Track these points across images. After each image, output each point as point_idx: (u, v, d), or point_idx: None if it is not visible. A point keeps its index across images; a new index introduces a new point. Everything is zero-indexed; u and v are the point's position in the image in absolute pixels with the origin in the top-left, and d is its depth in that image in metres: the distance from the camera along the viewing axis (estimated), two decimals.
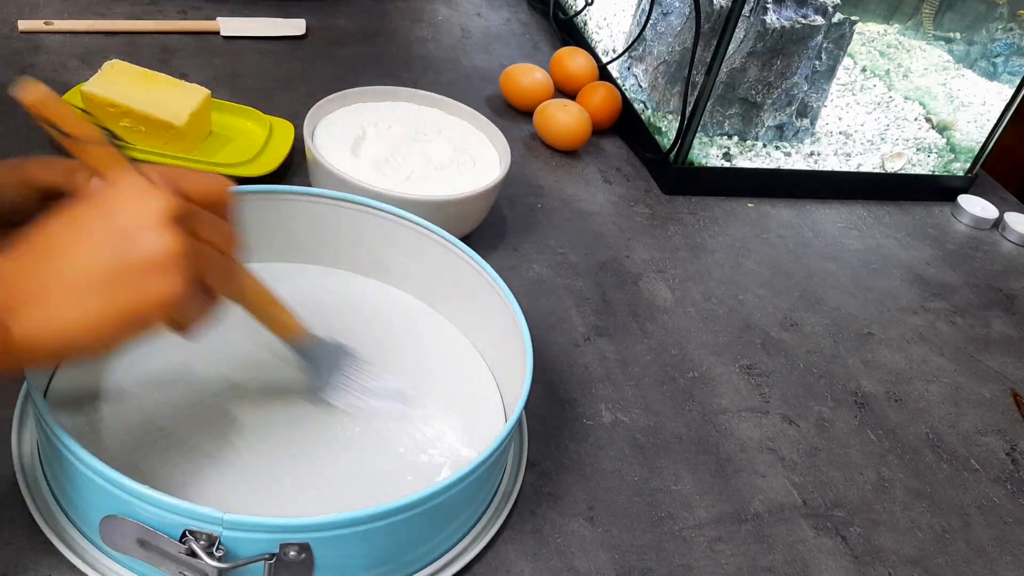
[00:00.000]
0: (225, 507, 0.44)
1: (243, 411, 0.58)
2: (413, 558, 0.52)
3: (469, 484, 0.51)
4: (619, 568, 0.57)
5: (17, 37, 0.94)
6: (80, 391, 0.56)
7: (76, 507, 0.49)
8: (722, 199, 0.99)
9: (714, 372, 0.75)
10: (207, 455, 0.54)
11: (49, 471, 0.51)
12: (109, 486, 0.45)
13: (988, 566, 0.64)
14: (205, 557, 0.44)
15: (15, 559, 0.49)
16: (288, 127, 0.87)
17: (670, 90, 1.03)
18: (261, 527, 0.44)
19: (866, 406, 0.76)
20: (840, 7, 0.98)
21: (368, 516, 0.46)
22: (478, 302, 0.65)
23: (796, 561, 0.61)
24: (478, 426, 0.61)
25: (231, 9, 1.08)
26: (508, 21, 1.25)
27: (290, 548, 0.45)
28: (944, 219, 1.07)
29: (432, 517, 0.50)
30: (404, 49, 1.11)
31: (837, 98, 1.16)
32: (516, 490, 0.59)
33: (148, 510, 0.44)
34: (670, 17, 1.03)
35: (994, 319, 0.92)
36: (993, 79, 1.22)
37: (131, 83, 0.79)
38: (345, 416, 0.59)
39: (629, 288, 0.82)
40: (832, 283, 0.90)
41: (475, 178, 0.79)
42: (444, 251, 0.66)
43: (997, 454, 0.75)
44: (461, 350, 0.68)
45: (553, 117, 0.97)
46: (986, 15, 1.23)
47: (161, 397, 0.57)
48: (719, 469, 0.66)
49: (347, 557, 0.48)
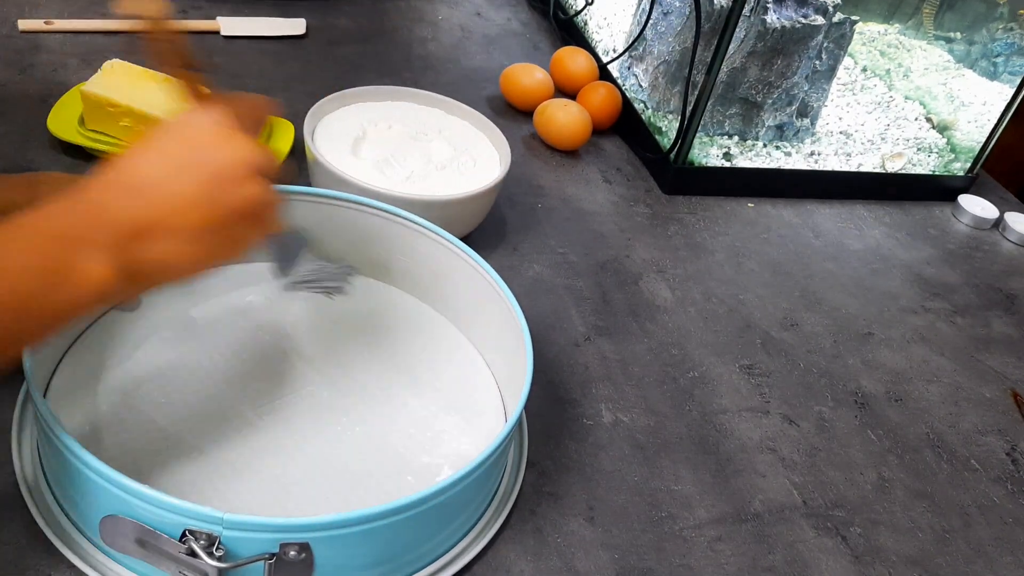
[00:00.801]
0: (225, 507, 0.44)
1: (243, 411, 0.58)
2: (413, 558, 0.52)
3: (469, 484, 0.51)
4: (619, 568, 0.57)
5: (17, 36, 0.94)
6: (80, 391, 0.56)
7: (76, 507, 0.49)
8: (722, 199, 0.99)
9: (714, 372, 0.75)
10: (207, 455, 0.54)
11: (49, 471, 0.51)
12: (109, 486, 0.45)
13: (988, 566, 0.64)
14: (205, 557, 0.44)
15: (15, 559, 0.49)
16: (288, 127, 0.86)
17: (670, 90, 1.03)
18: (261, 527, 0.44)
19: (866, 406, 0.76)
20: (840, 7, 0.98)
21: (368, 516, 0.46)
22: (478, 302, 0.65)
23: (796, 561, 0.61)
24: (478, 426, 0.61)
25: (231, 9, 1.08)
26: (508, 21, 1.25)
27: (290, 548, 0.45)
28: (944, 219, 1.07)
29: (432, 517, 0.50)
30: (404, 49, 1.11)
31: (837, 98, 1.16)
32: (516, 490, 0.59)
33: (148, 510, 0.45)
34: (670, 17, 1.03)
35: (994, 319, 0.92)
36: (993, 79, 1.22)
37: (131, 83, 0.79)
38: (345, 416, 0.59)
39: (629, 288, 0.82)
40: (832, 283, 0.90)
41: (475, 178, 0.79)
42: (444, 251, 0.66)
43: (997, 454, 0.75)
44: (461, 350, 0.68)
45: (553, 117, 0.97)
46: (986, 15, 1.23)
47: (161, 397, 0.57)
48: (719, 469, 0.66)
49: (347, 557, 0.48)
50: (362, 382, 0.62)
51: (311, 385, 0.61)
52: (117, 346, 0.60)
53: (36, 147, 0.80)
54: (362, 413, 0.60)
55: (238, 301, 0.66)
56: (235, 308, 0.66)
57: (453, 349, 0.68)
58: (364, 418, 0.60)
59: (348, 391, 0.61)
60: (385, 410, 0.61)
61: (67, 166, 0.78)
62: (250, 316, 0.65)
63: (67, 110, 0.80)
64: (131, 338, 0.61)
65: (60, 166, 0.78)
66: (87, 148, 0.79)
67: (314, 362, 0.63)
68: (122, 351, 0.60)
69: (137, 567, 0.48)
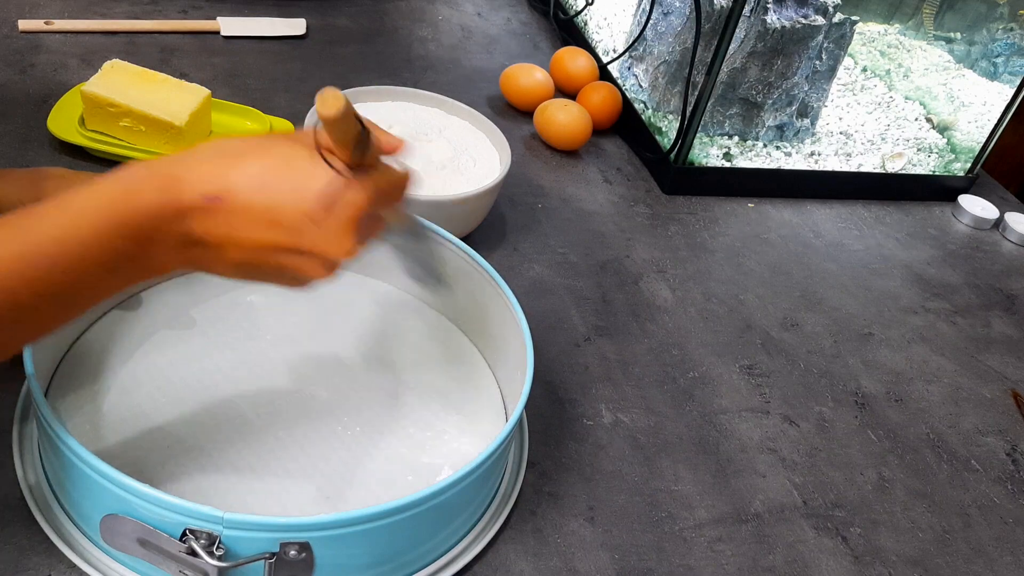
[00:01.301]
0: (226, 506, 0.44)
1: (243, 410, 0.58)
2: (413, 558, 0.52)
3: (469, 484, 0.51)
4: (619, 568, 0.57)
5: (17, 37, 0.94)
6: (81, 390, 0.56)
7: (77, 506, 0.49)
8: (722, 199, 0.99)
9: (714, 372, 0.75)
10: (207, 454, 0.54)
11: (50, 470, 0.51)
12: (109, 485, 0.45)
13: (988, 566, 0.64)
14: (205, 556, 0.44)
15: (15, 558, 0.49)
16: (288, 127, 0.87)
17: (670, 90, 1.03)
18: (261, 526, 0.44)
19: (866, 406, 0.76)
20: (841, 7, 0.98)
21: (368, 516, 0.46)
22: (478, 302, 0.65)
23: (796, 561, 0.61)
24: (478, 426, 0.61)
25: (231, 9, 1.08)
26: (508, 21, 1.25)
27: (290, 547, 0.45)
28: (944, 219, 1.07)
29: (432, 517, 0.50)
30: (404, 49, 1.11)
31: (838, 98, 1.16)
32: (516, 490, 0.59)
33: (148, 509, 0.45)
34: (671, 17, 1.03)
35: (994, 319, 0.92)
36: (994, 79, 1.22)
37: (131, 83, 0.79)
38: (345, 416, 0.59)
39: (629, 288, 0.82)
40: (832, 283, 0.90)
41: (475, 178, 0.79)
42: (444, 251, 0.66)
43: (997, 454, 0.75)
44: (462, 350, 0.68)
45: (553, 117, 0.97)
46: (987, 15, 1.23)
47: (161, 397, 0.57)
48: (719, 469, 0.66)
49: (347, 556, 0.48)
50: (362, 382, 0.62)
51: (311, 385, 0.61)
52: (118, 346, 0.60)
53: (36, 147, 0.80)
54: (362, 413, 0.60)
55: (238, 301, 0.66)
56: (235, 308, 0.66)
57: (454, 349, 0.68)
58: (364, 418, 0.60)
59: (348, 391, 0.61)
60: (385, 410, 0.61)
61: (67, 166, 0.78)
62: (250, 316, 0.65)
63: (67, 110, 0.80)
64: (132, 338, 0.61)
65: (60, 166, 0.78)
66: (87, 148, 0.79)
67: (314, 362, 0.63)
68: (123, 351, 0.60)
69: (138, 566, 0.48)
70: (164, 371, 0.59)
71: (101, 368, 0.58)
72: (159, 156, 0.77)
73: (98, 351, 0.59)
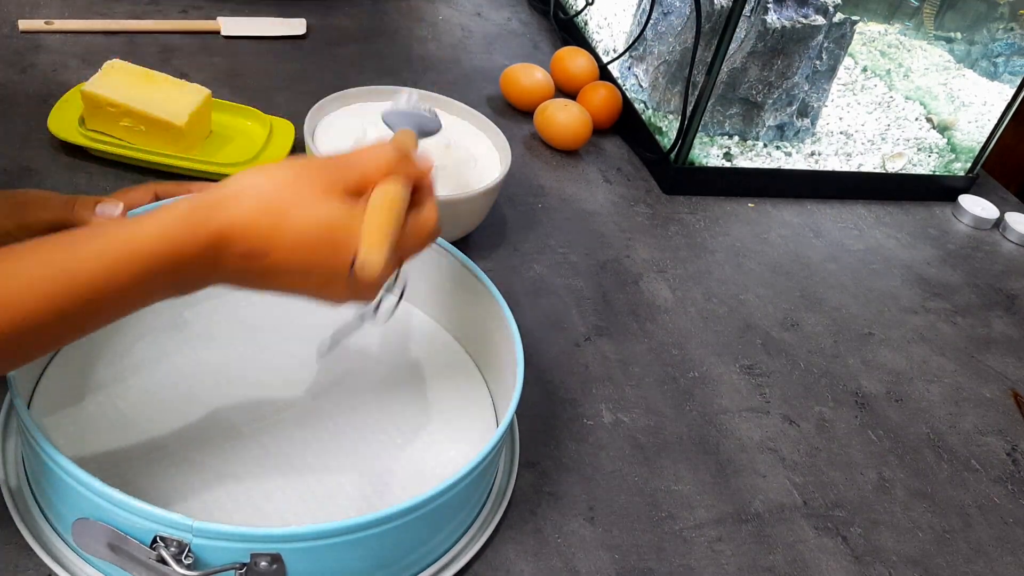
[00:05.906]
0: (205, 514, 0.43)
1: (231, 416, 0.57)
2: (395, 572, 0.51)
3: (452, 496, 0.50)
4: (619, 568, 0.57)
5: (17, 36, 0.94)
6: (68, 392, 0.56)
7: (53, 508, 0.49)
8: (723, 199, 0.99)
9: (714, 372, 0.75)
10: (191, 461, 0.54)
11: (29, 471, 0.51)
12: (80, 488, 0.44)
13: (988, 566, 0.64)
14: (174, 564, 0.43)
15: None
16: (288, 127, 0.87)
17: (671, 90, 1.03)
18: (231, 536, 0.44)
19: (867, 406, 0.76)
20: (841, 7, 0.98)
21: (341, 528, 0.45)
22: (470, 306, 0.65)
23: (796, 561, 0.61)
24: (469, 434, 0.61)
25: (231, 9, 1.08)
26: (508, 21, 1.25)
27: (261, 558, 0.44)
28: (945, 219, 1.07)
29: (412, 529, 0.49)
30: (404, 49, 1.11)
31: (838, 98, 1.16)
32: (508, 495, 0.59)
33: (119, 514, 0.44)
34: (671, 17, 1.03)
35: (995, 319, 0.92)
36: (994, 79, 1.22)
37: (131, 83, 0.79)
38: (332, 423, 0.59)
39: (629, 288, 0.82)
40: (833, 283, 0.90)
41: (475, 178, 0.79)
42: (436, 254, 0.65)
43: (998, 454, 0.75)
44: (453, 356, 0.67)
45: (553, 117, 0.97)
46: (987, 15, 1.23)
47: (148, 400, 0.57)
48: (719, 469, 0.66)
49: (321, 569, 0.47)
50: (351, 388, 0.62)
51: (299, 391, 0.60)
52: (107, 347, 0.59)
53: (36, 147, 0.80)
54: (350, 419, 0.59)
55: (231, 304, 0.65)
56: (228, 311, 0.65)
57: (445, 355, 0.67)
58: (352, 424, 0.59)
59: (337, 397, 0.60)
60: (374, 417, 0.60)
61: (67, 166, 0.78)
62: (242, 319, 0.65)
63: (67, 110, 0.80)
64: (122, 339, 0.60)
65: (60, 166, 0.78)
66: (87, 148, 0.79)
67: (303, 368, 0.62)
68: (112, 352, 0.59)
69: (109, 571, 0.47)
70: (152, 374, 0.58)
71: (90, 369, 0.57)
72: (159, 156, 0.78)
73: (87, 352, 0.58)
